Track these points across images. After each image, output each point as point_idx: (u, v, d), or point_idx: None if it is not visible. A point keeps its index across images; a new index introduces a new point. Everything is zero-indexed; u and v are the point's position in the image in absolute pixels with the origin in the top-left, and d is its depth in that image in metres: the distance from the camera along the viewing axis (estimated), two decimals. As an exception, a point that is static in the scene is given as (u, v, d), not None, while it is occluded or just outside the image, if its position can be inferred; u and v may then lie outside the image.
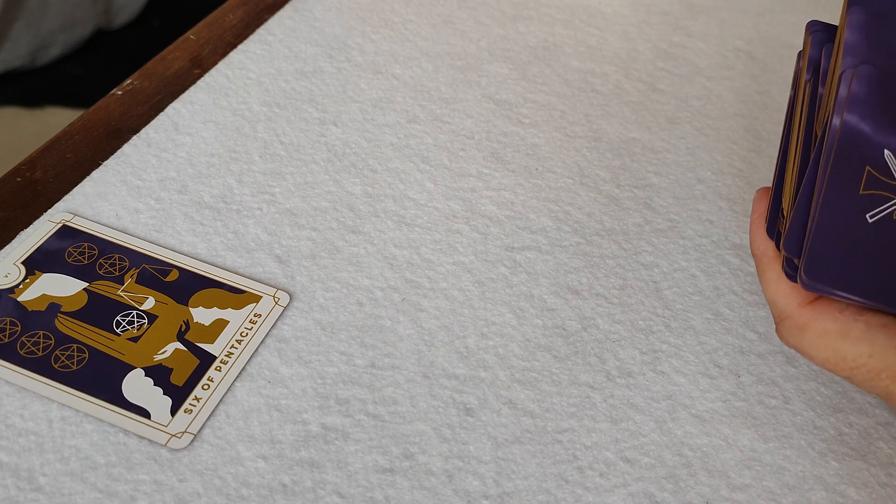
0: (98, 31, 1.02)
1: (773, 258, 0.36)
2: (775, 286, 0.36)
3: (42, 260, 0.42)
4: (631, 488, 0.37)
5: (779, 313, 0.35)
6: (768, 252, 0.37)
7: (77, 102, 0.95)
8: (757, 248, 0.37)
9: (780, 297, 0.35)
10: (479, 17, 0.61)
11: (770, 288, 0.36)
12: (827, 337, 0.34)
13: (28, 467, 0.35)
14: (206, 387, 0.38)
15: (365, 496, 0.35)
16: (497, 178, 0.49)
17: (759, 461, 0.38)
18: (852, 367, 0.33)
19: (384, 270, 0.44)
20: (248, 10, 0.59)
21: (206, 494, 0.35)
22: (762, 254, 0.37)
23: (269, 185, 0.47)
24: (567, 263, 0.45)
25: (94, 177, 0.46)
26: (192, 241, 0.44)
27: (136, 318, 0.40)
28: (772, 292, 0.36)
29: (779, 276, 0.36)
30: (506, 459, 0.37)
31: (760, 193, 0.39)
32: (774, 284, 0.36)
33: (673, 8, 0.64)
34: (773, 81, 0.59)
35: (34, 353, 0.38)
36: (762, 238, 0.37)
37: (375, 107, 0.53)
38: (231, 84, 0.53)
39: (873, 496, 0.37)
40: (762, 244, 0.37)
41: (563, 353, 0.41)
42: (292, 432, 0.37)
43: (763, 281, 0.37)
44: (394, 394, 0.39)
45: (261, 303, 0.41)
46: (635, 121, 0.54)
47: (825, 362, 0.34)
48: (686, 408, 0.40)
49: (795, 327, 0.35)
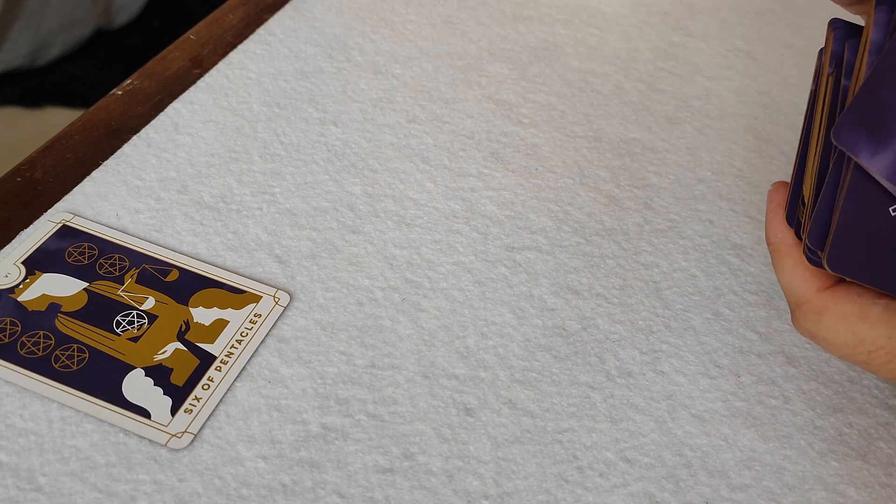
0: (98, 31, 1.02)
1: (792, 245, 0.36)
2: (793, 272, 0.35)
3: (42, 260, 0.42)
4: (631, 488, 0.37)
5: (796, 299, 0.35)
6: (787, 240, 0.36)
7: (77, 102, 0.95)
8: (774, 237, 0.37)
9: (798, 281, 0.35)
10: (479, 17, 0.61)
11: (787, 274, 0.36)
12: (845, 320, 0.33)
13: (28, 467, 0.35)
14: (207, 387, 0.38)
15: (365, 496, 0.35)
16: (497, 178, 0.49)
17: (759, 461, 0.38)
18: (870, 351, 0.33)
19: (384, 270, 0.44)
20: (248, 10, 0.59)
21: (206, 494, 0.35)
22: (780, 241, 0.36)
23: (269, 185, 0.47)
24: (567, 263, 0.45)
25: (94, 177, 0.46)
26: (192, 241, 0.44)
27: (136, 318, 0.40)
28: (789, 278, 0.35)
29: (797, 263, 0.35)
30: (506, 459, 0.37)
31: (777, 185, 0.38)
32: (792, 270, 0.35)
33: (673, 8, 0.64)
34: (773, 81, 0.59)
35: (34, 353, 0.38)
36: (781, 226, 0.37)
37: (375, 107, 0.53)
38: (231, 84, 0.53)
39: (873, 496, 0.37)
40: (780, 232, 0.37)
41: (563, 353, 0.41)
42: (292, 432, 0.37)
43: (780, 269, 0.36)
44: (394, 394, 0.39)
45: (261, 303, 0.41)
46: (635, 121, 0.54)
47: (843, 346, 0.34)
48: (686, 408, 0.40)
49: (813, 311, 0.34)
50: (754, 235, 0.48)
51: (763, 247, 0.47)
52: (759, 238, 0.48)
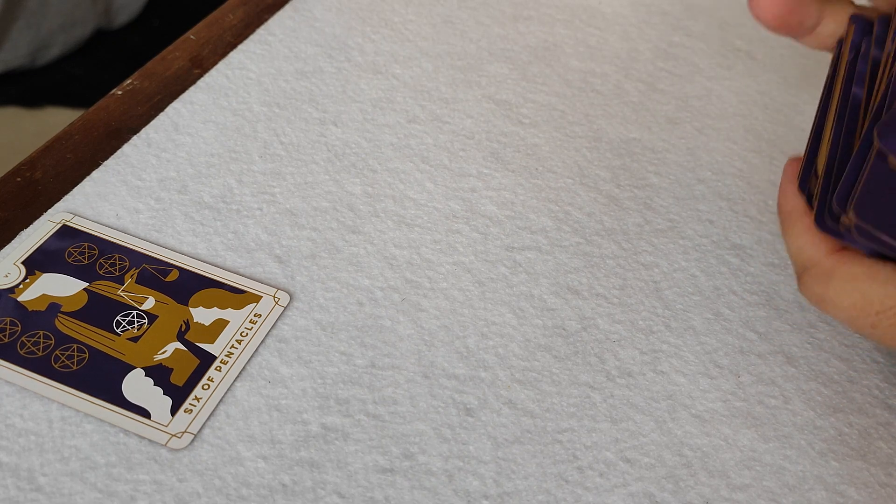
0: (98, 31, 1.02)
1: (802, 213, 0.36)
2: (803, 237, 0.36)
3: (42, 260, 0.42)
4: (631, 488, 0.37)
5: (804, 263, 0.35)
6: (798, 207, 0.37)
7: (77, 102, 0.95)
8: (786, 205, 0.37)
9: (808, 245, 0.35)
10: (479, 17, 0.61)
11: (797, 240, 0.36)
12: (855, 280, 0.33)
13: (28, 467, 0.35)
14: (207, 387, 0.38)
15: (365, 496, 0.35)
16: (497, 178, 0.49)
17: (759, 461, 0.38)
18: (878, 312, 0.33)
19: (384, 270, 0.44)
20: (248, 10, 0.59)
21: (206, 494, 0.35)
22: (791, 209, 0.37)
23: (269, 185, 0.47)
24: (567, 263, 0.45)
25: (94, 177, 0.46)
26: (192, 241, 0.44)
27: (136, 318, 0.40)
28: (799, 243, 0.36)
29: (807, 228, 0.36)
30: (506, 459, 0.37)
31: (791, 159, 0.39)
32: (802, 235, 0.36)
33: (673, 8, 0.64)
34: (773, 81, 0.59)
35: (34, 353, 0.38)
36: (793, 194, 0.37)
37: (375, 107, 0.53)
38: (231, 84, 0.53)
39: (873, 496, 0.37)
40: (792, 200, 0.37)
41: (563, 353, 0.41)
42: (292, 432, 0.37)
43: (790, 234, 0.37)
44: (394, 394, 0.39)
45: (261, 303, 0.41)
46: (635, 121, 0.54)
47: (850, 308, 0.33)
48: (686, 408, 0.40)
49: (822, 274, 0.34)
50: (754, 235, 0.48)
51: (763, 246, 0.47)
52: (760, 238, 0.48)
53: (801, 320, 0.44)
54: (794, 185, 0.38)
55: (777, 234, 0.48)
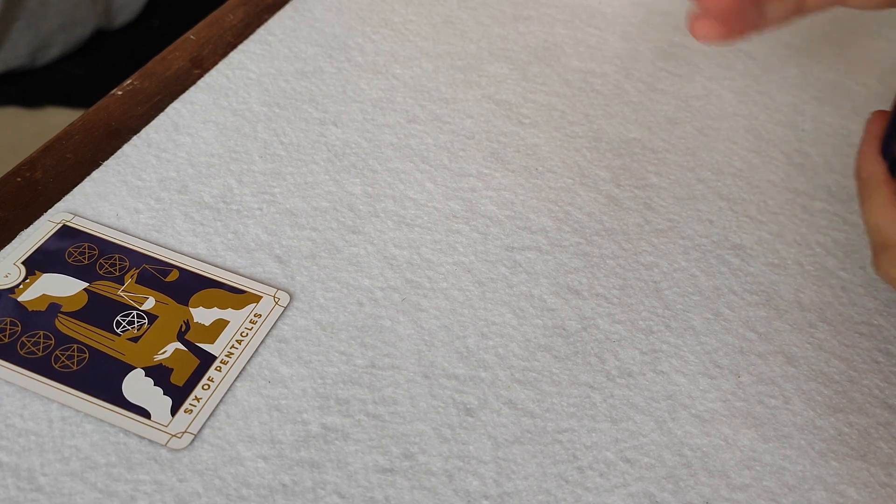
0: (98, 31, 1.02)
1: (882, 182, 0.34)
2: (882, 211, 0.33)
3: (42, 260, 0.42)
4: (631, 488, 0.37)
5: (882, 240, 0.33)
6: (877, 175, 0.34)
7: (77, 102, 0.95)
8: (864, 170, 0.35)
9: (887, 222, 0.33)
10: (479, 17, 0.61)
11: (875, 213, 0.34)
12: None
13: (28, 467, 0.35)
14: (207, 387, 0.38)
15: (365, 496, 0.35)
16: (497, 178, 0.49)
17: (759, 461, 0.38)
18: None
19: (384, 270, 0.44)
20: (248, 10, 0.59)
21: (206, 494, 0.35)
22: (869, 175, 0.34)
23: (269, 185, 0.47)
24: (567, 263, 0.45)
25: (94, 177, 0.46)
26: (192, 241, 0.44)
27: (136, 318, 0.40)
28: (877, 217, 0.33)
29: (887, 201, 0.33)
30: (506, 459, 0.37)
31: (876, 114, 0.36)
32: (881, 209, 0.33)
33: (673, 8, 0.64)
34: (773, 81, 0.59)
35: (34, 353, 0.38)
36: (873, 159, 0.34)
37: (375, 107, 0.53)
38: (231, 84, 0.53)
39: (873, 496, 0.37)
40: (871, 165, 0.34)
41: (563, 353, 0.41)
42: (292, 432, 0.37)
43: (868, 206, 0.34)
44: (394, 394, 0.39)
45: (261, 303, 0.41)
46: (635, 121, 0.54)
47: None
48: (686, 408, 0.40)
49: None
50: (754, 235, 0.48)
51: (763, 246, 0.47)
52: (760, 238, 0.48)
53: (801, 320, 0.44)
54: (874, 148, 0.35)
55: (777, 234, 0.48)
